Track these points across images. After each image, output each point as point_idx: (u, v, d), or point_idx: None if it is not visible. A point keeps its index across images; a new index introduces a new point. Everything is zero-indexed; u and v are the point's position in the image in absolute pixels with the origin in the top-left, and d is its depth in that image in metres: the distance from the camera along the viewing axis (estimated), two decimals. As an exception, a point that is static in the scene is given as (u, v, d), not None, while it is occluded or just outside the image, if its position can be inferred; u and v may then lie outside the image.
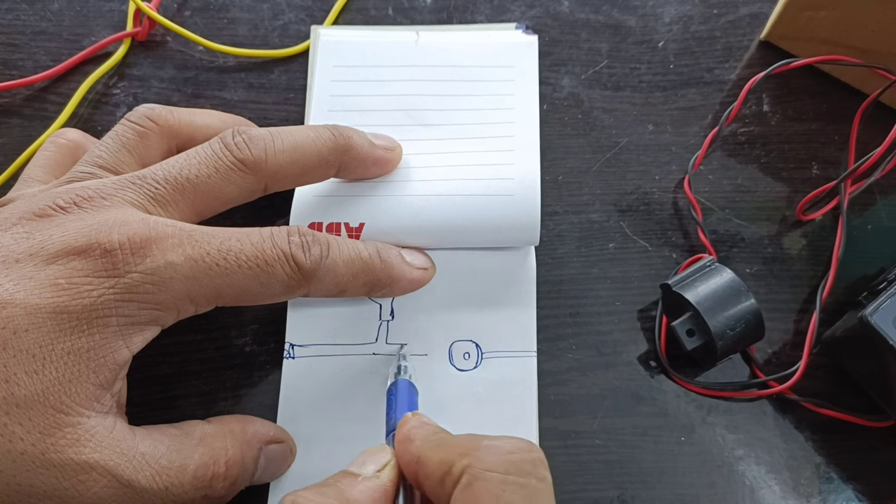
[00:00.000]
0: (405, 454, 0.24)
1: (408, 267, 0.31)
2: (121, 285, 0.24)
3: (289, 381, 0.31)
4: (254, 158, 0.28)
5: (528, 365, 0.32)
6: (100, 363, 0.24)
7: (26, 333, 0.23)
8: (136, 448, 0.24)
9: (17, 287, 0.23)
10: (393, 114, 0.35)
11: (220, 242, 0.25)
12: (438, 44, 0.37)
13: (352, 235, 0.31)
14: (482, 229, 0.32)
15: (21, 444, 0.22)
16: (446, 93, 0.36)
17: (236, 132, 0.28)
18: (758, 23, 0.40)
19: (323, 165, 0.30)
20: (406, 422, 0.25)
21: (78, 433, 0.23)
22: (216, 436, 0.26)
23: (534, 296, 0.33)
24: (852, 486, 0.31)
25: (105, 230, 0.24)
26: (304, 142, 0.29)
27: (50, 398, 0.23)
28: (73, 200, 0.25)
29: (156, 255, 0.24)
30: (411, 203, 0.32)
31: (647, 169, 0.37)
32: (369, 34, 0.38)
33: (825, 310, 0.32)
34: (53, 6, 0.41)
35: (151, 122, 0.30)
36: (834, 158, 0.37)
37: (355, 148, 0.31)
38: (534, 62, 0.37)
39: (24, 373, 0.22)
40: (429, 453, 0.23)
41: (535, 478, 0.22)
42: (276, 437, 0.29)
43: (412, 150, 0.34)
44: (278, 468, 0.29)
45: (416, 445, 0.24)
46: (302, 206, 0.32)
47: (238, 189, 0.28)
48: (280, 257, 0.26)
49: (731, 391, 0.32)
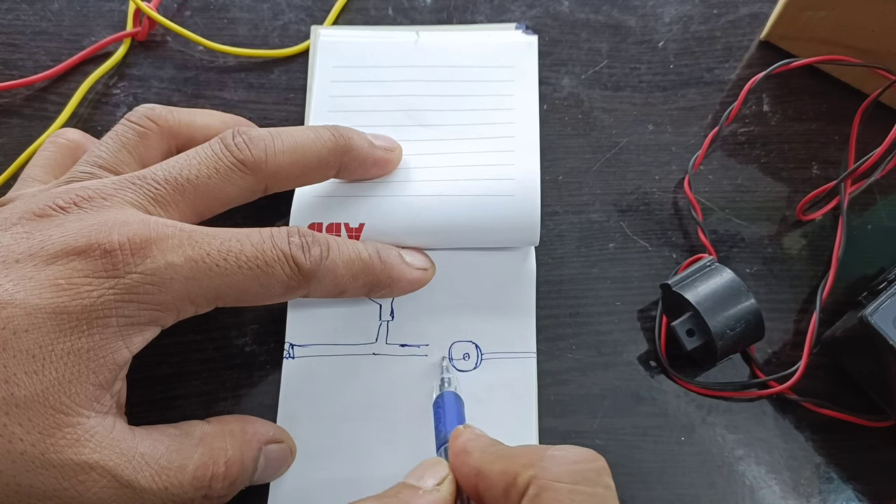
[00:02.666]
0: (463, 466, 0.24)
1: (407, 267, 0.31)
2: (121, 286, 0.24)
3: (289, 381, 0.31)
4: (254, 159, 0.28)
5: (528, 366, 0.32)
6: (100, 363, 0.24)
7: (26, 334, 0.23)
8: (136, 448, 0.24)
9: (17, 287, 0.23)
10: (393, 114, 0.35)
11: (220, 243, 0.25)
12: (438, 44, 0.37)
13: (351, 236, 0.31)
14: (482, 230, 0.32)
15: (21, 444, 0.22)
16: (446, 93, 0.36)
17: (236, 133, 0.28)
18: (758, 23, 0.40)
19: (323, 166, 0.30)
20: (459, 434, 0.25)
21: (77, 433, 0.23)
22: (216, 436, 0.26)
23: (533, 297, 0.33)
24: (852, 486, 0.31)
25: (105, 230, 0.24)
26: (305, 142, 0.29)
27: (50, 398, 0.23)
28: (72, 200, 0.25)
29: (156, 255, 0.24)
30: (411, 203, 0.32)
31: (647, 169, 0.37)
32: (369, 34, 0.38)
33: (825, 310, 0.32)
34: (53, 6, 0.41)
35: (151, 122, 0.30)
36: (834, 158, 0.37)
37: (355, 149, 0.31)
38: (534, 62, 0.37)
39: (24, 373, 0.22)
40: (490, 465, 0.23)
41: (602, 486, 0.22)
42: (276, 437, 0.29)
43: (412, 150, 0.34)
44: (278, 468, 0.29)
45: (474, 457, 0.24)
46: (302, 207, 0.32)
47: (238, 189, 0.28)
48: (280, 258, 0.26)
49: (731, 391, 0.32)
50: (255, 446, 0.28)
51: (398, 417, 0.31)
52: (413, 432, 0.30)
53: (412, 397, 0.31)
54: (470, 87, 0.36)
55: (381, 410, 0.31)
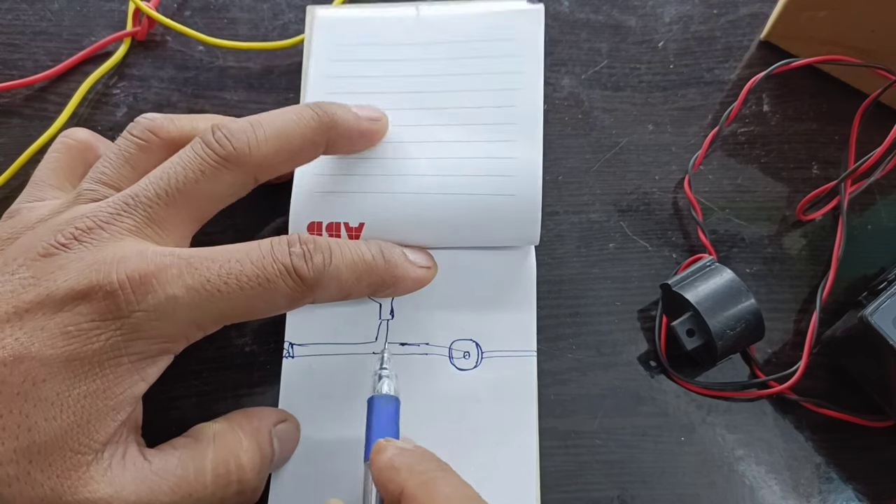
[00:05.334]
0: (389, 483, 0.24)
1: (411, 266, 0.31)
2: (127, 326, 0.24)
3: (288, 381, 0.31)
4: (237, 153, 0.27)
5: (528, 365, 0.32)
6: (117, 400, 0.24)
7: (44, 384, 0.23)
8: (149, 468, 0.25)
9: (31, 339, 0.24)
10: (393, 96, 0.34)
11: (219, 267, 0.25)
12: (440, 17, 0.36)
13: (352, 235, 0.31)
14: (482, 228, 0.32)
15: (41, 489, 0.23)
16: (447, 72, 0.35)
17: (216, 128, 0.28)
18: (758, 23, 0.40)
19: (309, 147, 0.30)
20: (383, 449, 0.25)
21: (92, 472, 0.24)
22: (226, 432, 0.27)
23: (534, 295, 0.33)
24: (852, 486, 0.31)
25: (105, 270, 0.24)
26: (287, 126, 0.29)
27: (69, 441, 0.23)
28: (72, 235, 0.26)
29: (157, 290, 0.24)
30: (411, 201, 0.32)
31: (647, 169, 0.37)
32: (368, 12, 0.37)
33: (825, 310, 0.32)
34: (53, 6, 0.41)
35: (153, 134, 0.29)
36: (834, 158, 0.37)
37: (340, 124, 0.30)
38: (540, 32, 0.35)
39: (44, 420, 0.23)
40: (415, 490, 0.23)
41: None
42: (281, 418, 0.29)
43: (412, 137, 0.33)
44: (291, 446, 0.30)
45: (401, 476, 0.24)
46: (301, 206, 0.32)
47: (228, 187, 0.28)
48: (282, 271, 0.26)
49: (731, 391, 0.32)
50: (266, 430, 0.28)
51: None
52: (413, 431, 0.30)
53: (412, 396, 0.31)
54: (472, 65, 0.34)
55: None
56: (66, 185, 0.30)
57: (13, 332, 0.24)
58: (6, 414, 0.23)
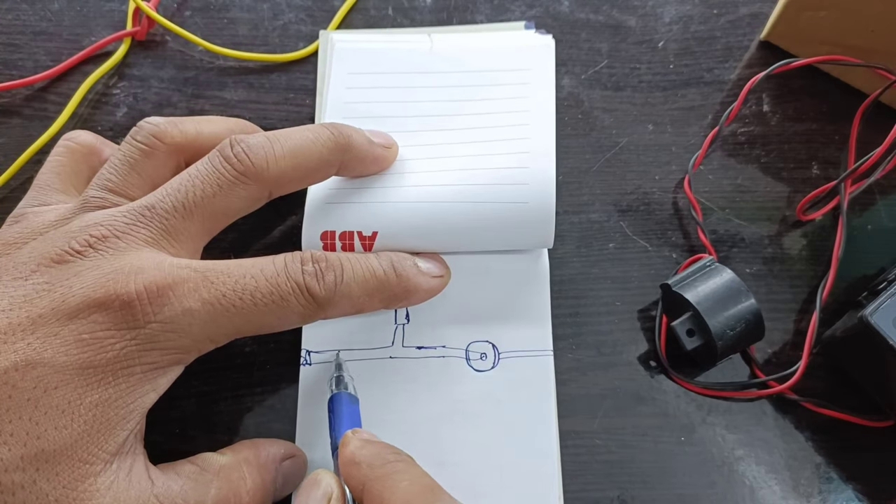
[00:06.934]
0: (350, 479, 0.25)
1: (423, 277, 0.31)
2: (142, 336, 0.24)
3: (306, 388, 0.31)
4: (255, 168, 0.28)
5: (545, 364, 0.32)
6: (128, 410, 0.24)
7: (56, 391, 0.23)
8: (151, 491, 0.24)
9: (44, 345, 0.23)
10: (407, 120, 0.35)
11: (234, 282, 0.25)
12: (453, 49, 0.37)
13: (365, 244, 0.31)
14: (496, 234, 0.32)
15: (46, 499, 0.23)
16: (461, 98, 0.35)
17: (234, 142, 0.28)
18: (758, 23, 0.40)
19: (324, 166, 0.30)
20: (347, 441, 0.26)
21: (97, 484, 0.23)
22: (232, 467, 0.27)
23: (548, 295, 0.33)
24: (852, 486, 0.31)
25: (122, 279, 0.24)
26: (304, 144, 0.29)
27: (77, 451, 0.23)
28: (87, 242, 0.26)
29: (173, 302, 0.24)
30: (425, 210, 0.32)
31: (647, 169, 0.37)
32: (383, 39, 0.38)
33: (825, 310, 0.32)
34: (53, 6, 0.41)
35: (157, 140, 0.29)
36: (834, 158, 0.37)
37: (355, 147, 0.31)
38: (551, 64, 0.36)
39: (54, 428, 0.23)
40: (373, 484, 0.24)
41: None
42: (289, 453, 0.29)
43: (425, 154, 0.33)
44: (296, 482, 0.29)
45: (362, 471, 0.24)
46: (314, 215, 0.32)
47: (243, 201, 0.28)
48: (294, 289, 0.26)
49: (731, 391, 0.32)
50: (272, 468, 0.28)
51: (417, 420, 0.30)
52: (433, 434, 0.30)
53: (431, 400, 0.31)
54: (485, 92, 0.35)
55: (401, 413, 0.31)
56: (71, 190, 0.30)
57: (26, 338, 0.23)
58: (16, 420, 0.22)
